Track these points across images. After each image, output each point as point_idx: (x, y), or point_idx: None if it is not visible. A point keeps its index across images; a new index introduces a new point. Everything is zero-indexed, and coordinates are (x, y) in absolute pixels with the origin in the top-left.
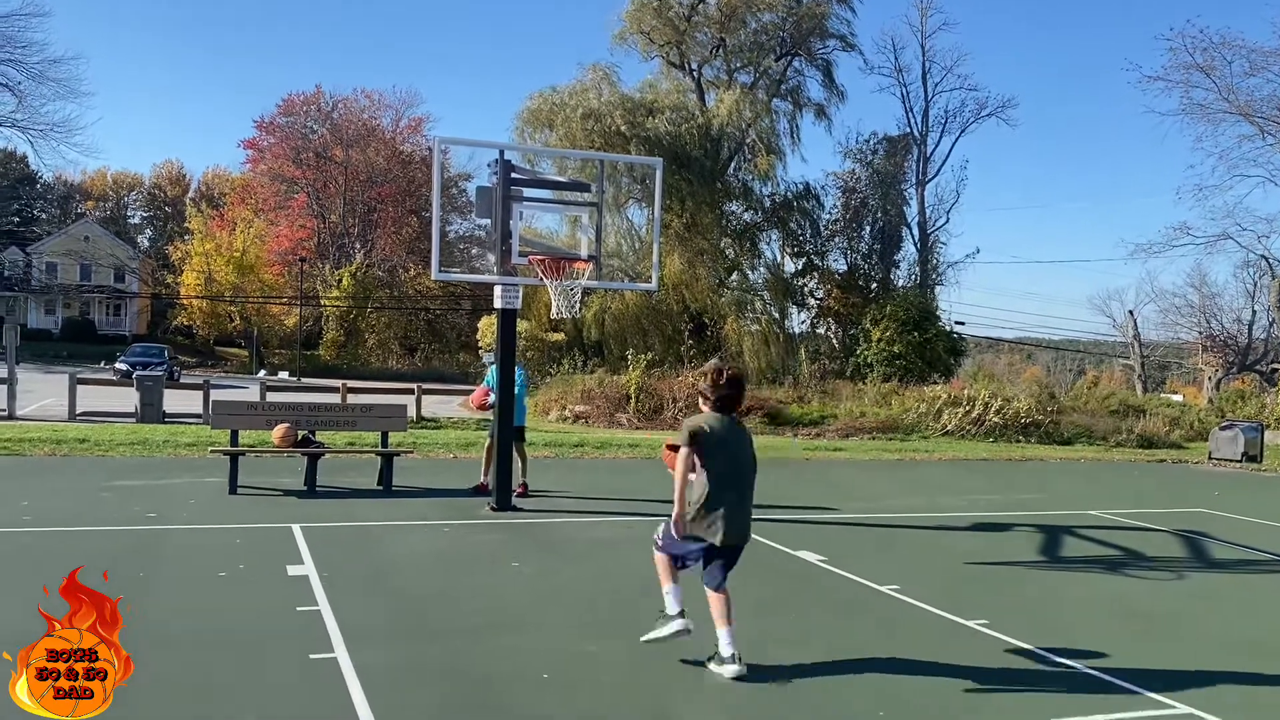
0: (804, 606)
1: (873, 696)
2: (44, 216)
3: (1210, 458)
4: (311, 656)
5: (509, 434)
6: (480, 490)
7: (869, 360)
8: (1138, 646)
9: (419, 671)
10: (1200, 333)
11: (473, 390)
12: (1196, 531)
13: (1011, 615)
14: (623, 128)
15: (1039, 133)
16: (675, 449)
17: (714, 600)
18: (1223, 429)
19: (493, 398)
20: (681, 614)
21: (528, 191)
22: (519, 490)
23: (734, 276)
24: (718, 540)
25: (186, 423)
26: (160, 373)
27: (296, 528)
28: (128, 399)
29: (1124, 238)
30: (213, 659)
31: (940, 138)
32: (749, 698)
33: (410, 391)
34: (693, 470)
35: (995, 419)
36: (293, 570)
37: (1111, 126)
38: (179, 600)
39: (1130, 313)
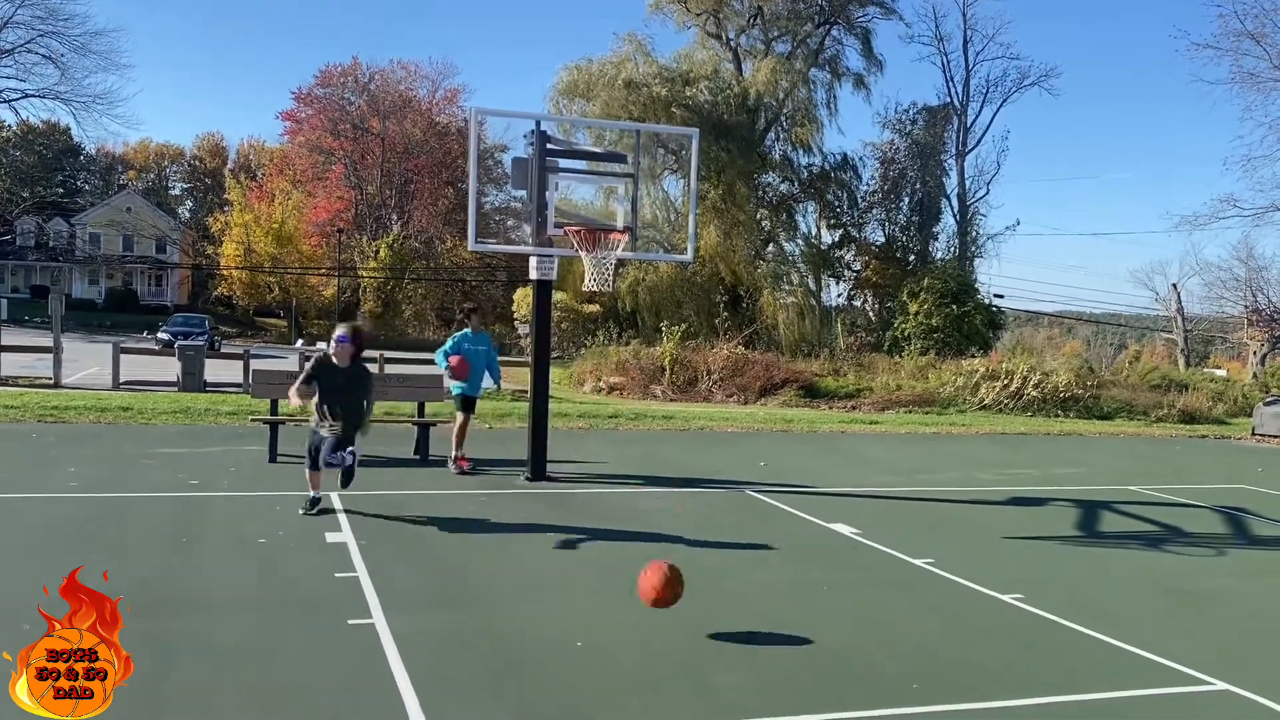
0: (839, 579)
1: (906, 668)
2: (87, 188)
3: (1254, 433)
4: (350, 622)
5: (544, 402)
6: (461, 468)
7: (906, 333)
8: (1176, 623)
9: (455, 637)
10: (1246, 307)
11: (508, 361)
12: (1238, 508)
13: (1048, 590)
14: (662, 93)
15: (1083, 103)
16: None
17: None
18: (1268, 404)
19: (447, 378)
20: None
21: (564, 163)
22: (460, 462)
23: (770, 248)
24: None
25: (227, 391)
26: (201, 342)
27: (335, 495)
28: (169, 368)
29: (1169, 210)
30: (254, 623)
31: (981, 108)
32: (782, 666)
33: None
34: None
35: (1034, 393)
36: (331, 537)
37: (1158, 96)
38: (221, 566)
39: (1174, 286)
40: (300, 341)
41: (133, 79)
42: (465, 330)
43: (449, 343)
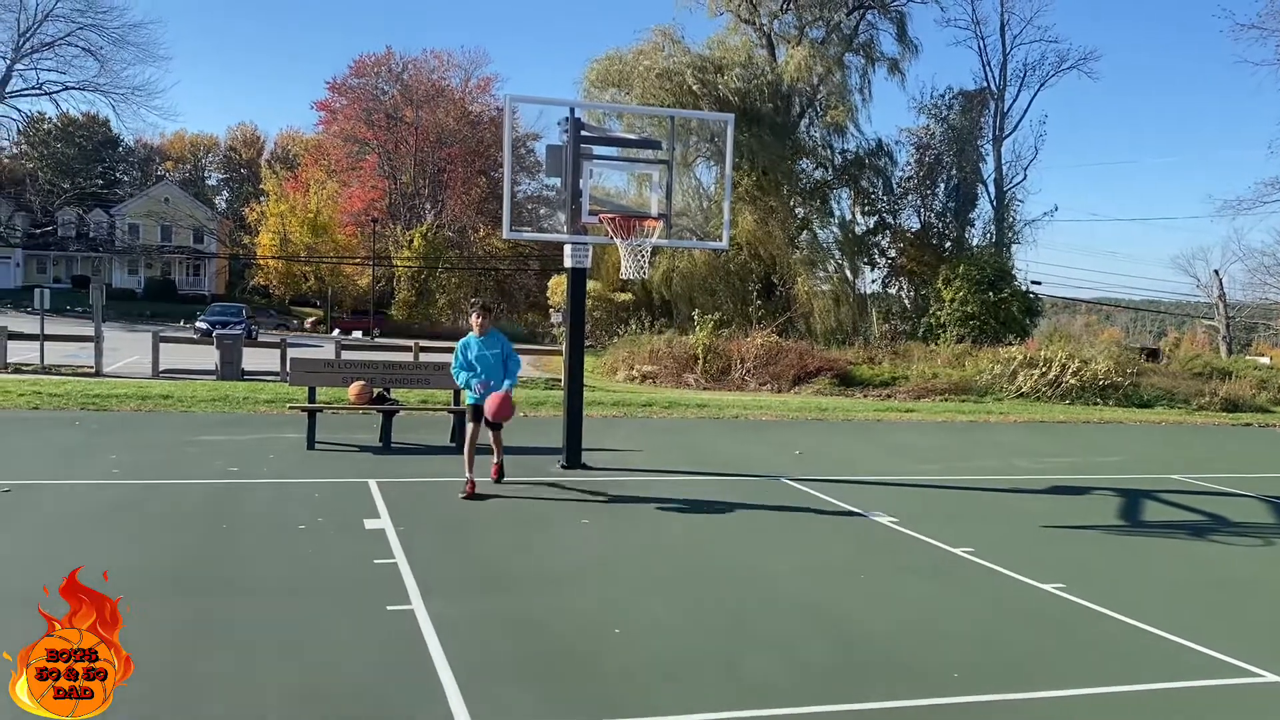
0: (876, 568)
1: (946, 657)
2: (126, 179)
3: None
4: (389, 608)
5: (578, 389)
6: (469, 491)
7: (942, 320)
8: (1222, 613)
9: (492, 623)
10: None
11: (541, 350)
12: None
13: (1089, 579)
14: (694, 85)
15: (1123, 86)
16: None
17: None
18: None
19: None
20: None
21: (598, 149)
22: (469, 486)
23: (804, 235)
24: None
25: (265, 380)
26: (239, 331)
27: (373, 483)
28: (208, 357)
29: (1211, 194)
30: (295, 608)
31: (1018, 92)
32: (820, 654)
33: None
34: None
35: (1072, 381)
36: (370, 524)
37: (1200, 78)
38: (262, 552)
39: (1216, 272)
40: (336, 330)
41: (170, 70)
42: (468, 337)
43: (456, 358)
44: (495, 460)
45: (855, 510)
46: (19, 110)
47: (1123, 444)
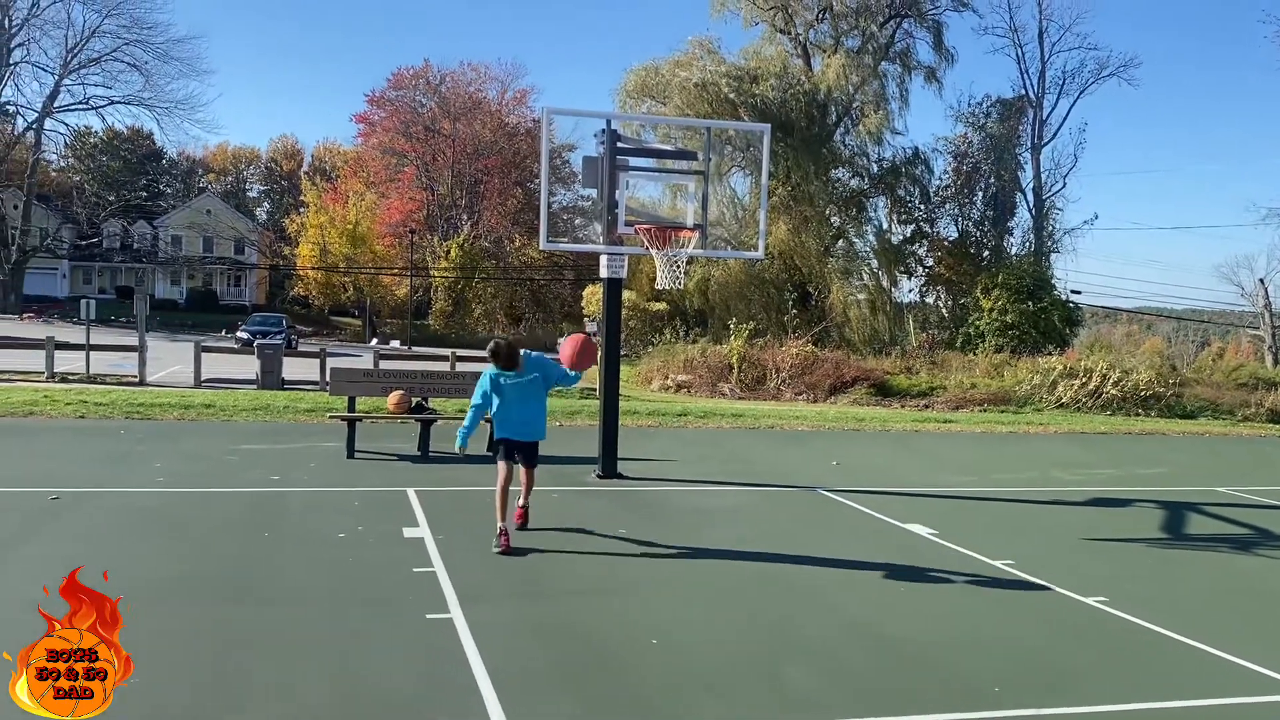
0: (916, 580)
1: (988, 670)
2: (169, 191)
3: None
4: (428, 616)
5: (614, 399)
6: (504, 545)
7: (980, 330)
8: (1268, 629)
9: (531, 632)
10: None
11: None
12: None
13: (1132, 593)
14: (730, 95)
15: (1165, 93)
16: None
17: None
18: None
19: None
20: None
21: (634, 161)
22: (503, 539)
23: (839, 244)
24: None
25: (304, 389)
26: (279, 341)
27: (411, 491)
28: (249, 366)
29: (1256, 201)
30: (334, 616)
31: (1057, 100)
32: (858, 666)
33: None
34: None
35: (1113, 391)
36: (409, 532)
37: (1244, 84)
38: (303, 560)
39: (1261, 281)
40: (375, 340)
41: (212, 84)
42: (489, 369)
43: (477, 395)
44: (521, 503)
45: (894, 522)
46: (66, 124)
47: (1165, 456)
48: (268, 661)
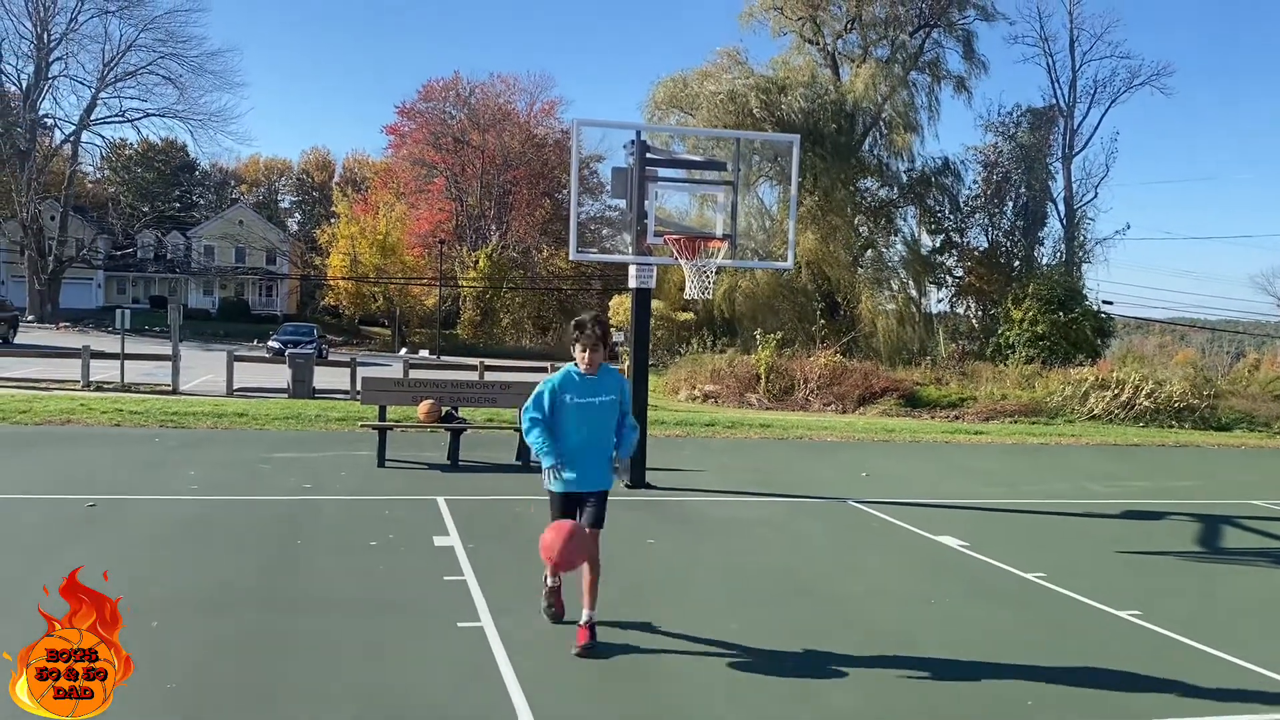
0: (947, 592)
1: (1020, 684)
2: (202, 202)
3: None
4: (459, 624)
5: (643, 408)
6: (555, 607)
7: (1010, 341)
8: None
9: (561, 641)
10: None
11: None
12: None
13: (1167, 607)
14: (756, 109)
15: (1198, 101)
16: None
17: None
18: None
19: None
20: None
21: (663, 171)
22: (555, 601)
23: (868, 254)
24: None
25: (335, 398)
26: (310, 350)
27: (441, 500)
28: (280, 375)
29: None
30: (366, 624)
31: (1089, 109)
32: (889, 679)
33: (544, 369)
34: None
35: (1146, 403)
36: (439, 541)
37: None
38: (335, 567)
39: None
40: (404, 349)
41: (246, 96)
42: (569, 367)
43: (530, 404)
44: (585, 618)
45: (924, 534)
46: (102, 137)
47: (1200, 468)
48: (299, 668)
